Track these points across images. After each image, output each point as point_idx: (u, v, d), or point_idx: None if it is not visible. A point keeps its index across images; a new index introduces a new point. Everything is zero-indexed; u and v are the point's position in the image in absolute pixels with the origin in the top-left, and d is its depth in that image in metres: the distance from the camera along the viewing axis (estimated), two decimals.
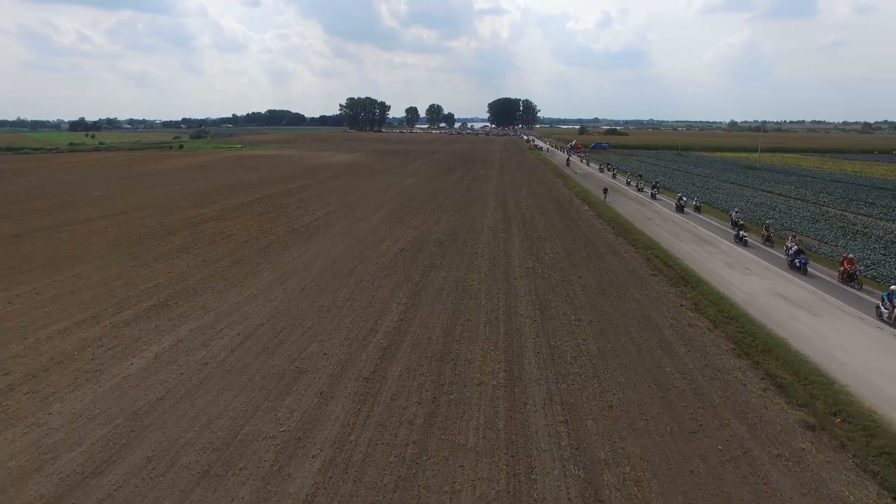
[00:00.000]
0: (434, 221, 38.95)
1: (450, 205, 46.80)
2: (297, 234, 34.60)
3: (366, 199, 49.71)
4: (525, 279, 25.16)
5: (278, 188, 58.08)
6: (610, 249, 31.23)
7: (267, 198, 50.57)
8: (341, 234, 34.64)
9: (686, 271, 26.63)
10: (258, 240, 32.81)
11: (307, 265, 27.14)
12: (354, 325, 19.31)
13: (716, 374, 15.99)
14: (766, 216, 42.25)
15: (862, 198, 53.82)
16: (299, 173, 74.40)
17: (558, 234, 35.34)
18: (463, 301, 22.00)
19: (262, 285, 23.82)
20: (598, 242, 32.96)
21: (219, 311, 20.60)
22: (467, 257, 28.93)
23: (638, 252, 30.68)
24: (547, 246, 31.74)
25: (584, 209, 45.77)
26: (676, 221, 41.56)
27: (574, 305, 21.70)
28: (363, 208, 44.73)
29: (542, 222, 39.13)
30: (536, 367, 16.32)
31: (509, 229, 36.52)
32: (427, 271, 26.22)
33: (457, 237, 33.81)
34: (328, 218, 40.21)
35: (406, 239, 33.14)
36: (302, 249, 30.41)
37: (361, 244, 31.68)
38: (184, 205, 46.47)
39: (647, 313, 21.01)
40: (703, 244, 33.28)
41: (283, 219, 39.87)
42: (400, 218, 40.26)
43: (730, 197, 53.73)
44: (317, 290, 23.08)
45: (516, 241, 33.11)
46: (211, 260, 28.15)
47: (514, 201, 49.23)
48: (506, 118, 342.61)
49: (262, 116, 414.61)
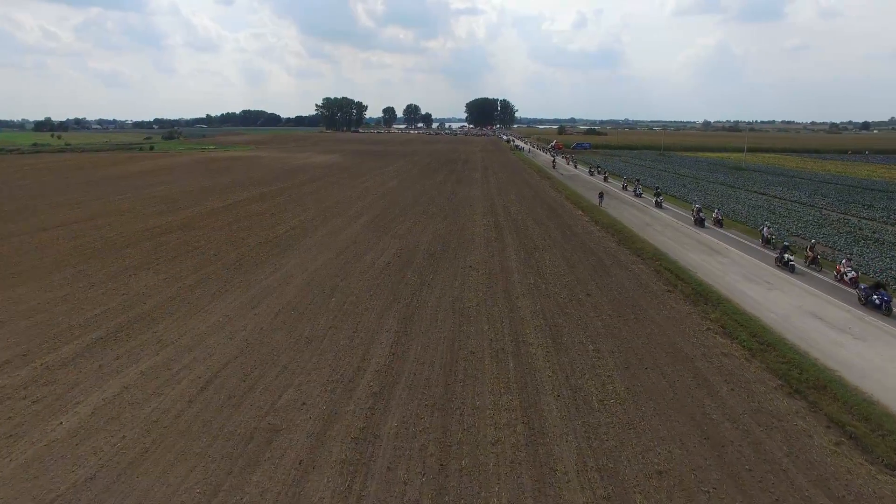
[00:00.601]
0: (421, 229, 36.10)
1: (436, 210, 43.99)
2: (271, 245, 31.45)
3: (345, 205, 46.64)
4: (528, 298, 22.46)
5: (251, 192, 54.66)
6: (614, 260, 28.72)
7: (239, 203, 47.19)
8: (320, 245, 31.58)
9: (702, 286, 24.20)
10: (228, 253, 29.61)
11: (282, 284, 24.08)
12: (338, 362, 16.38)
13: (772, 422, 13.44)
14: (778, 224, 40.27)
15: (858, 200, 52.37)
16: (274, 176, 70.90)
17: (555, 242, 32.76)
18: (462, 327, 19.22)
19: (231, 310, 20.73)
20: (600, 252, 30.44)
21: (178, 344, 17.49)
22: (461, 272, 26.16)
23: (645, 263, 28.22)
24: (546, 257, 29.12)
25: (577, 214, 43.32)
26: (678, 228, 39.31)
27: (589, 331, 19.06)
28: (343, 215, 41.67)
29: (536, 230, 36.53)
30: (559, 415, 13.61)
31: (502, 238, 33.84)
32: (418, 290, 23.38)
33: (447, 247, 31.02)
34: (305, 226, 37.09)
35: (392, 250, 30.23)
36: (276, 264, 27.32)
37: (342, 257, 28.69)
38: (148, 212, 42.91)
39: (672, 340, 18.46)
40: (712, 254, 30.97)
41: (257, 228, 36.65)
42: (383, 226, 37.31)
43: (726, 200, 51.79)
44: (293, 317, 20.07)
45: (512, 251, 30.44)
46: (173, 278, 24.92)
47: (503, 206, 46.61)
48: (484, 118, 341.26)
49: (236, 117, 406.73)
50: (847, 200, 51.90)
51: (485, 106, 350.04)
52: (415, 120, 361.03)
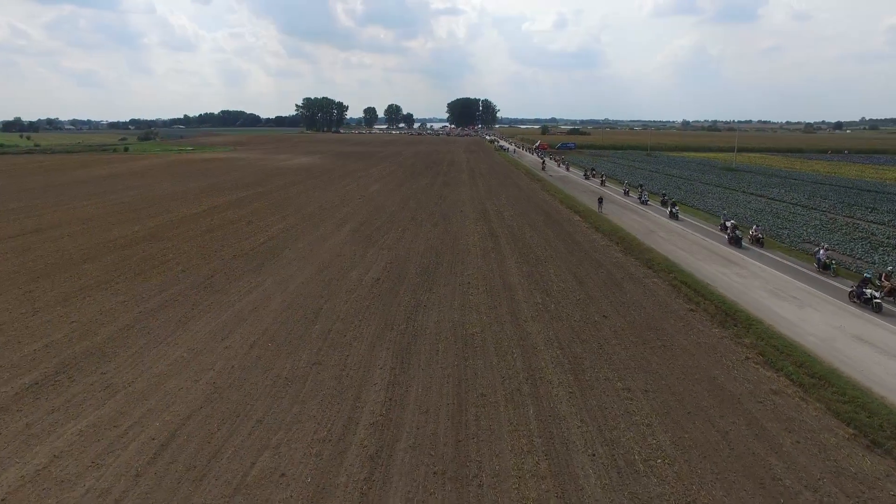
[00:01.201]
0: (410, 238, 33.37)
1: (425, 216, 41.29)
2: (247, 259, 28.51)
3: (328, 211, 43.72)
4: (538, 321, 19.89)
5: (228, 197, 51.45)
6: (625, 273, 26.29)
7: (214, 210, 44.04)
8: (301, 258, 28.71)
9: (727, 304, 21.83)
10: (199, 268, 26.62)
11: (258, 306, 21.21)
12: (324, 412, 13.62)
13: (859, 489, 11.02)
14: (781, 227, 38.24)
15: (859, 202, 50.73)
16: (253, 179, 67.62)
17: (558, 253, 30.27)
18: (468, 361, 16.57)
19: (198, 342, 17.84)
20: (608, 264, 28.01)
21: (130, 391, 14.59)
22: (459, 289, 23.51)
23: (658, 277, 25.84)
24: (550, 270, 26.60)
25: (575, 220, 40.93)
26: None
27: (613, 364, 16.54)
28: (326, 222, 38.77)
29: (534, 238, 34.01)
30: (599, 484, 11.04)
31: (500, 247, 31.27)
32: (413, 312, 20.68)
33: (441, 260, 28.35)
34: (285, 236, 34.14)
35: (381, 264, 27.48)
36: (252, 282, 24.42)
37: (326, 273, 25.86)
38: (114, 220, 39.60)
39: (709, 373, 16.01)
40: (728, 265, 28.70)
41: (232, 238, 33.63)
42: (370, 235, 34.50)
43: (726, 203, 49.81)
44: (271, 350, 17.24)
45: (512, 263, 27.88)
46: (134, 300, 21.91)
47: (496, 211, 44.07)
48: (465, 118, 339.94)
49: (215, 117, 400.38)
50: (849, 203, 50.22)
51: (466, 106, 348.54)
52: (396, 120, 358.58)
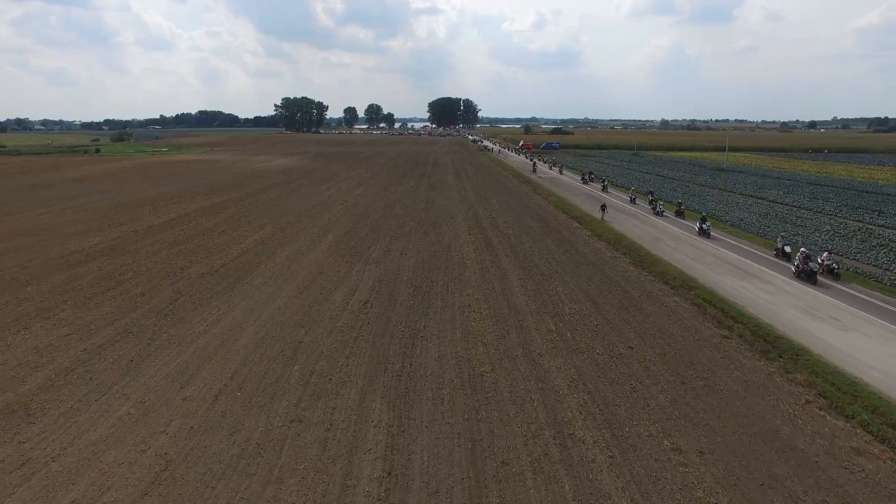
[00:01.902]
0: (399, 251, 30.42)
1: (413, 224, 38.34)
2: (217, 277, 25.33)
3: (308, 218, 40.55)
4: (555, 355, 17.11)
5: (201, 203, 48.04)
6: (642, 291, 23.63)
7: (185, 217, 40.64)
8: (278, 275, 25.60)
9: (762, 329, 19.28)
10: (161, 290, 23.40)
11: (227, 340, 18.11)
12: (305, 498, 10.64)
13: None
14: (792, 233, 35.98)
15: (861, 204, 48.89)
16: (229, 182, 64.10)
17: (563, 266, 27.55)
18: (481, 412, 13.71)
19: (151, 390, 14.74)
20: (620, 280, 25.35)
21: (52, 469, 11.42)
22: (459, 314, 20.65)
23: (678, 294, 23.22)
24: (558, 288, 23.85)
25: (575, 227, 38.28)
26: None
27: (654, 413, 13.80)
28: (306, 232, 35.63)
29: (534, 249, 31.26)
30: None
31: (498, 260, 28.48)
32: (408, 345, 17.76)
33: (435, 277, 25.46)
34: (261, 248, 30.96)
35: (368, 283, 24.50)
36: (222, 307, 21.28)
37: (307, 295, 22.80)
38: (73, 230, 36.07)
39: (769, 424, 13.35)
40: (747, 277, 26.22)
41: (202, 251, 30.38)
42: (355, 246, 31.45)
43: (729, 207, 47.62)
44: (239, 403, 14.19)
45: (514, 279, 25.10)
46: (79, 333, 18.68)
47: (489, 217, 41.28)
48: (447, 118, 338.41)
49: (192, 118, 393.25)
50: (853, 205, 48.34)
51: (448, 105, 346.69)
52: (377, 120, 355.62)
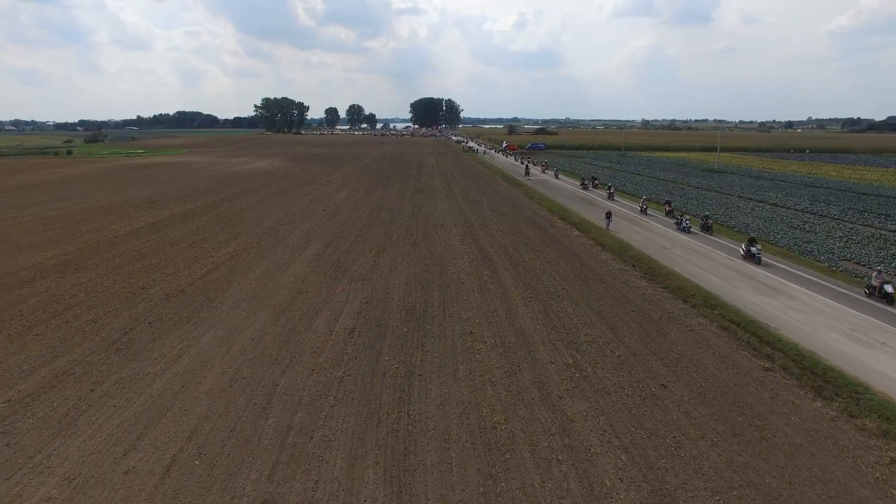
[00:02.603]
0: (388, 264, 27.65)
1: (401, 233, 35.56)
2: (182, 299, 22.36)
3: (288, 226, 37.57)
4: (578, 397, 14.50)
5: (172, 210, 44.77)
6: (661, 312, 21.13)
7: (154, 226, 37.42)
8: (252, 296, 22.69)
9: (807, 358, 16.88)
10: (116, 316, 20.38)
11: (187, 384, 15.22)
12: None
13: None
14: (804, 240, 33.85)
15: (867, 207, 47.17)
16: (204, 186, 60.72)
17: (568, 281, 25.01)
18: (499, 483, 11.00)
19: (83, 461, 11.81)
20: (634, 297, 22.84)
21: None
22: (461, 343, 17.97)
23: (703, 315, 20.76)
24: (567, 308, 21.28)
25: (574, 235, 35.80)
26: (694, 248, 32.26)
27: (709, 478, 11.22)
28: (284, 242, 32.67)
29: (534, 260, 28.70)
30: None
31: (497, 275, 25.86)
32: (404, 389, 15.03)
33: (429, 296, 22.75)
34: (234, 263, 27.99)
35: (354, 304, 21.70)
36: (185, 338, 18.35)
37: (285, 322, 19.94)
38: (26, 242, 32.71)
39: (857, 494, 10.86)
40: (773, 294, 23.88)
41: (168, 266, 27.34)
42: (338, 260, 28.60)
43: (731, 211, 45.50)
44: (197, 475, 11.31)
45: (517, 298, 22.48)
46: (7, 376, 15.61)
47: (482, 225, 38.65)
48: (429, 118, 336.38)
49: (170, 118, 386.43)
50: (857, 209, 46.59)
51: (430, 106, 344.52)
52: (358, 120, 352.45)
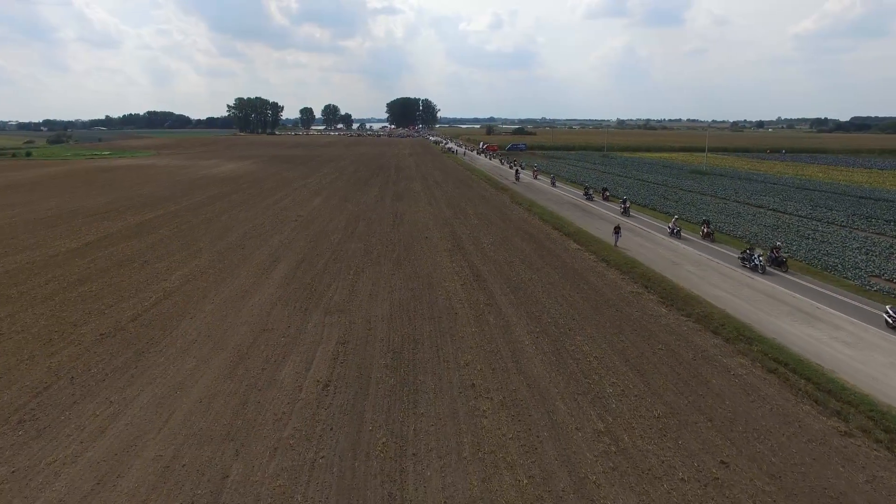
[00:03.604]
0: (368, 291, 24.06)
1: (381, 248, 31.96)
2: (118, 342, 18.50)
3: (255, 240, 33.69)
4: (622, 488, 11.14)
5: (128, 221, 40.54)
6: (693, 349, 17.92)
7: (103, 242, 33.25)
8: (205, 337, 18.92)
9: (885, 415, 13.82)
10: (30, 368, 16.47)
11: (104, 481, 11.44)
12: None
13: None
14: (823, 251, 31.10)
15: (873, 213, 44.86)
16: (168, 193, 56.28)
17: (576, 308, 21.71)
18: None
19: None
20: (656, 329, 19.61)
21: None
22: (463, 403, 14.51)
23: (741, 353, 17.62)
24: (584, 346, 17.97)
25: (572, 248, 32.53)
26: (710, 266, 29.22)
27: None
28: (250, 261, 28.86)
29: (534, 281, 25.38)
30: None
31: (495, 301, 22.46)
32: (394, 476, 11.49)
33: (418, 332, 19.25)
34: (189, 290, 24.14)
35: (329, 346, 18.08)
36: (113, 401, 14.56)
37: (242, 373, 16.25)
38: None
39: None
40: (811, 321, 20.86)
41: (111, 294, 23.40)
42: (311, 284, 24.92)
43: (735, 219, 42.74)
44: None
45: (522, 332, 19.12)
46: None
47: (470, 236, 35.23)
48: (406, 118, 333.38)
49: (140, 118, 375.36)
50: (861, 214, 44.28)
51: (406, 106, 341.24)
52: (334, 121, 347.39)
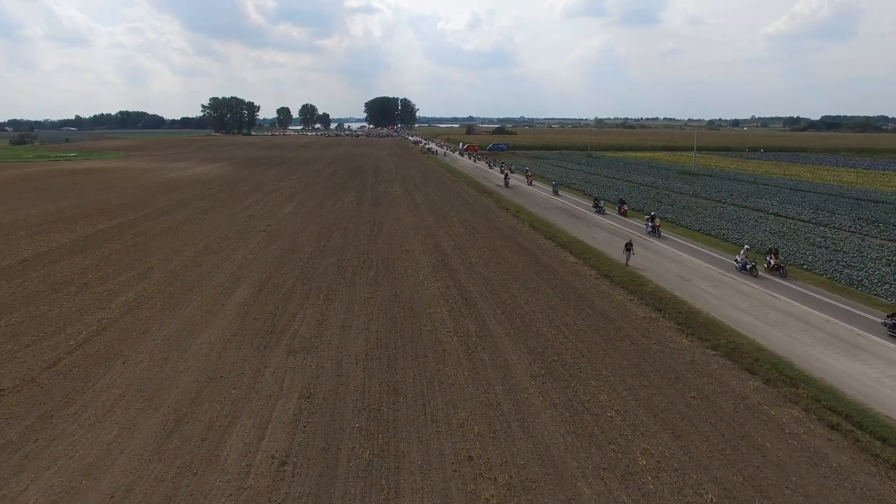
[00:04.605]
0: (340, 321, 20.63)
1: (357, 263, 28.54)
2: (24, 399, 14.82)
3: (215, 257, 30.02)
4: None
5: (78, 232, 36.59)
6: (732, 396, 14.87)
7: (41, 258, 29.32)
8: (136, 392, 15.30)
9: None
10: None
11: None
12: None
13: None
14: (840, 262, 28.44)
15: (877, 217, 42.65)
16: (129, 199, 52.13)
17: (585, 341, 18.58)
18: None
19: None
20: (683, 369, 16.54)
21: None
22: (458, 485, 11.25)
23: (782, 396, 14.63)
24: (602, 398, 14.81)
25: (569, 261, 29.43)
26: None
27: None
28: (206, 284, 25.23)
29: (532, 304, 22.21)
30: None
31: (489, 333, 19.24)
32: None
33: (400, 381, 15.92)
34: (128, 322, 20.49)
35: (288, 406, 14.59)
36: (11, 489, 11.08)
37: (175, 447, 12.71)
38: None
39: None
40: (858, 354, 17.95)
41: (31, 330, 19.67)
42: (273, 314, 21.40)
43: (735, 225, 40.04)
44: None
45: (526, 378, 15.92)
46: None
47: (455, 248, 31.96)
48: (384, 118, 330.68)
49: (112, 118, 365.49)
50: (867, 219, 42.02)
51: (385, 105, 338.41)
52: (311, 121, 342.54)
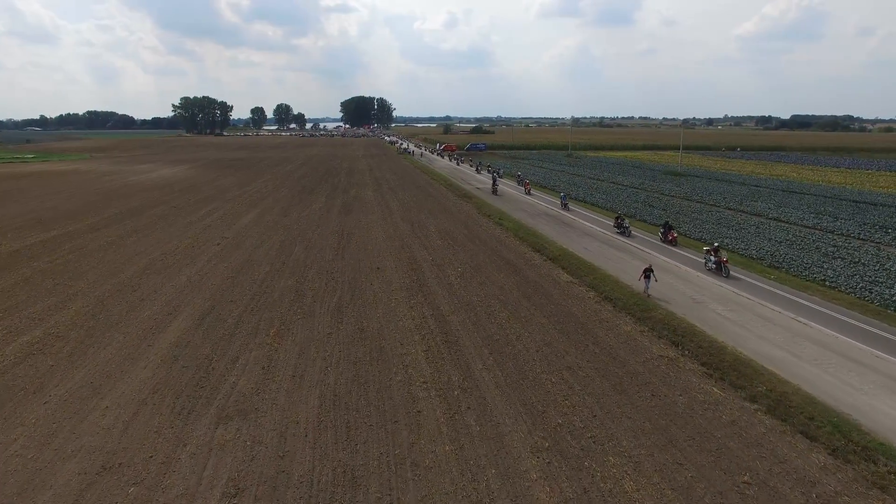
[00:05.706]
0: (291, 370, 16.77)
1: (319, 287, 24.64)
2: None
3: (155, 279, 25.82)
4: None
5: (9, 246, 32.20)
6: (797, 482, 11.37)
7: None
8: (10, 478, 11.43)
9: None
10: None
11: None
12: None
13: None
14: (859, 275, 25.42)
15: (883, 223, 40.01)
16: (76, 206, 47.50)
17: (598, 397, 15.02)
18: None
19: None
20: (719, 433, 13.05)
21: None
22: None
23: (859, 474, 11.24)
24: (625, 483, 11.23)
25: (564, 280, 25.89)
26: None
27: None
28: (136, 315, 21.06)
29: (525, 339, 18.61)
30: None
31: (476, 386, 15.58)
32: None
33: (359, 466, 12.16)
34: (21, 372, 16.32)
35: None
36: None
37: None
38: None
39: None
40: None
41: None
42: (208, 358, 17.34)
43: (737, 232, 36.99)
44: None
45: (524, 452, 12.32)
46: None
47: (433, 264, 28.25)
48: (360, 118, 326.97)
49: (80, 118, 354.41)
50: (873, 224, 39.44)
51: (361, 105, 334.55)
52: (286, 120, 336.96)
